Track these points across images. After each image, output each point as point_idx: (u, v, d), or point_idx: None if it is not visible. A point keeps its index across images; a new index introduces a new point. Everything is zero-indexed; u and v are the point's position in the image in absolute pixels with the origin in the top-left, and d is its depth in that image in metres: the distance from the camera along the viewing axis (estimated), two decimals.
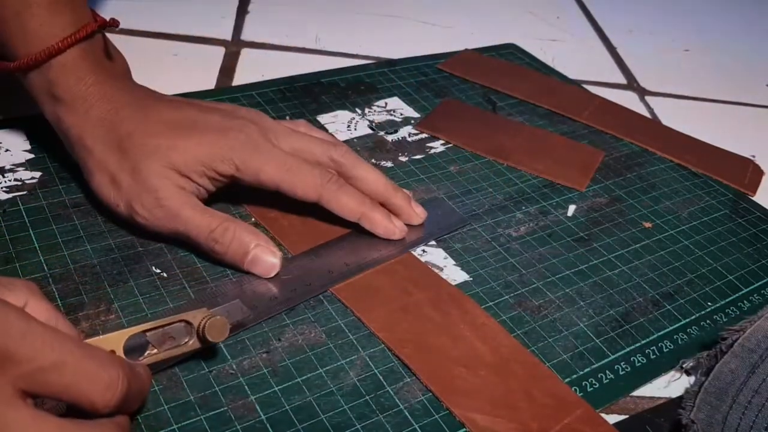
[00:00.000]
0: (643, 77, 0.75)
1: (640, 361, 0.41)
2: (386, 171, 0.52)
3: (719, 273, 0.49)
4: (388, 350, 0.39)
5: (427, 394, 0.37)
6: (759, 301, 0.47)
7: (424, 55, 0.70)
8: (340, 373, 0.37)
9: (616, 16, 0.89)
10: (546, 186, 0.54)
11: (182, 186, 0.41)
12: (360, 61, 0.68)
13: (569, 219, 0.51)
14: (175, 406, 0.34)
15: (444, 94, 0.64)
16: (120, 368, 0.29)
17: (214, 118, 0.43)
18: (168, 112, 0.43)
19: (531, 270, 0.46)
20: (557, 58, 0.75)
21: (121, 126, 0.42)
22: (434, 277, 0.44)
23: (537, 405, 0.37)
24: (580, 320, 0.43)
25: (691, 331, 0.44)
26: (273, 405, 0.35)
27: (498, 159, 0.56)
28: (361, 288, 0.42)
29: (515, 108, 0.64)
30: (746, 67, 0.82)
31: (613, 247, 0.49)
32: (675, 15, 0.94)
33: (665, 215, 0.53)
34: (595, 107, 0.66)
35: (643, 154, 0.61)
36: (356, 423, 0.35)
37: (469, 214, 0.50)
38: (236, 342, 0.38)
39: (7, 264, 0.40)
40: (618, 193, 0.55)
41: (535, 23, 0.83)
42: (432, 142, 0.57)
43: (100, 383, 0.27)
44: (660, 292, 0.46)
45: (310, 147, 0.45)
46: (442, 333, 0.40)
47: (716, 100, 0.73)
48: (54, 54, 0.41)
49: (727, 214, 0.55)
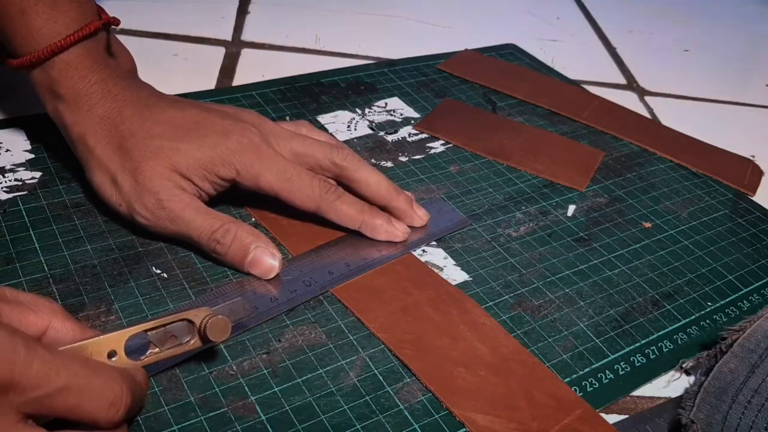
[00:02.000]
0: (643, 77, 0.75)
1: (639, 361, 0.41)
2: (386, 171, 0.52)
3: (719, 273, 0.49)
4: (388, 350, 0.39)
5: (427, 394, 0.37)
6: (759, 301, 0.47)
7: (424, 56, 0.70)
8: (340, 374, 0.37)
9: (615, 17, 0.89)
10: (546, 186, 0.54)
11: (183, 187, 0.41)
12: (360, 61, 0.68)
13: (569, 219, 0.51)
14: (175, 407, 0.34)
15: (444, 95, 0.64)
16: (123, 384, 0.29)
17: (217, 121, 0.43)
18: (171, 113, 0.43)
19: (531, 270, 0.46)
20: (557, 59, 0.75)
21: (124, 125, 0.42)
22: (434, 277, 0.44)
23: (537, 405, 0.37)
24: (580, 320, 0.43)
25: (691, 331, 0.44)
26: (273, 405, 0.35)
27: (498, 159, 0.56)
28: (361, 288, 0.42)
29: (515, 108, 0.64)
30: (746, 68, 0.82)
31: (613, 247, 0.49)
32: (675, 15, 0.94)
33: (665, 215, 0.53)
34: (595, 107, 0.66)
35: (642, 154, 0.61)
36: (356, 423, 0.35)
37: (469, 214, 0.50)
38: (236, 343, 0.38)
39: (8, 264, 0.40)
40: (618, 193, 0.55)
41: (535, 23, 0.84)
42: (432, 142, 0.57)
43: (104, 402, 0.28)
44: (660, 292, 0.46)
45: (312, 151, 0.45)
46: (442, 333, 0.40)
47: (716, 100, 0.74)
48: (57, 51, 0.41)
49: (726, 214, 0.55)
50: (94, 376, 0.28)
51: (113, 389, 0.28)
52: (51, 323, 0.31)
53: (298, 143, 0.45)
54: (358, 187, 0.45)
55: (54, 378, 0.26)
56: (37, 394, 0.26)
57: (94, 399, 0.27)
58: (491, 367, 0.39)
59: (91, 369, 0.28)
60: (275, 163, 0.43)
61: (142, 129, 0.42)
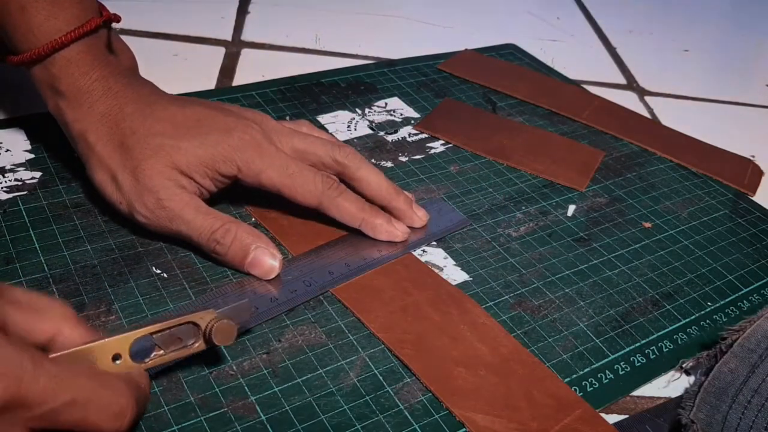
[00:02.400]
0: (643, 77, 0.75)
1: (639, 361, 0.41)
2: (386, 171, 0.52)
3: (719, 273, 0.49)
4: (388, 350, 0.39)
5: (427, 394, 0.37)
6: (758, 301, 0.47)
7: (424, 56, 0.70)
8: (340, 374, 0.37)
9: (615, 17, 0.89)
10: (546, 186, 0.54)
11: (184, 186, 0.41)
12: (360, 61, 0.68)
13: (569, 219, 0.51)
14: (175, 407, 0.34)
15: (444, 95, 0.64)
16: (129, 393, 0.29)
17: (218, 118, 0.43)
18: (173, 110, 0.43)
19: (531, 270, 0.46)
20: (557, 59, 0.75)
21: (125, 123, 0.42)
22: (434, 277, 0.44)
23: (537, 405, 0.37)
24: (580, 320, 0.43)
25: (691, 331, 0.44)
26: (273, 406, 0.35)
27: (498, 159, 0.56)
28: (361, 288, 0.42)
29: (515, 108, 0.64)
30: (746, 68, 0.82)
31: (613, 247, 0.49)
32: (675, 15, 0.94)
33: (665, 215, 0.53)
34: (595, 107, 0.66)
35: (642, 154, 0.61)
36: (356, 423, 0.35)
37: (469, 214, 0.50)
38: (236, 343, 0.38)
39: (8, 264, 0.40)
40: (618, 193, 0.55)
41: (535, 23, 0.84)
42: (432, 142, 0.57)
43: (110, 413, 0.28)
44: (660, 292, 0.46)
45: (314, 148, 0.45)
46: (442, 333, 0.40)
47: (716, 101, 0.74)
48: (58, 48, 0.41)
49: (726, 214, 0.55)
50: (100, 388, 0.28)
51: (119, 402, 0.28)
52: (61, 330, 0.30)
53: (299, 140, 0.45)
54: (359, 186, 0.45)
55: (60, 393, 0.26)
56: (44, 409, 0.26)
57: (100, 411, 0.28)
58: (491, 367, 0.39)
59: (97, 381, 0.28)
60: (277, 159, 0.43)
61: (143, 126, 0.42)
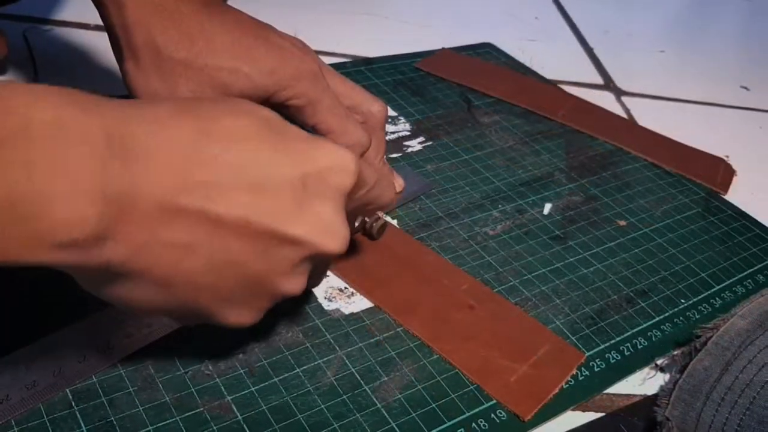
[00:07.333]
0: (620, 78, 0.76)
1: (614, 358, 0.42)
2: None
3: (692, 270, 0.49)
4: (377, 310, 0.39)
5: (405, 392, 0.37)
6: (731, 298, 0.47)
7: (402, 54, 0.70)
8: (317, 373, 0.37)
9: (593, 17, 0.90)
10: (522, 184, 0.54)
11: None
12: (337, 59, 0.68)
13: (545, 217, 0.51)
14: (150, 407, 0.34)
15: (421, 93, 0.64)
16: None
17: (276, 41, 0.45)
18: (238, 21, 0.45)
19: (507, 268, 0.46)
20: (535, 58, 0.75)
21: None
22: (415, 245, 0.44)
23: (514, 340, 0.41)
24: (556, 318, 0.43)
25: (665, 328, 0.44)
26: (249, 405, 0.35)
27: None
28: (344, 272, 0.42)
29: (492, 107, 0.64)
30: (721, 69, 0.83)
31: (589, 245, 0.50)
32: (651, 16, 0.95)
33: (639, 213, 0.54)
34: (571, 107, 0.66)
35: (617, 153, 0.61)
36: (333, 422, 0.35)
37: (446, 212, 0.50)
38: (212, 343, 0.38)
39: None
40: (593, 191, 0.55)
41: (513, 23, 0.84)
42: (409, 141, 0.57)
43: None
44: (634, 290, 0.47)
45: (353, 93, 0.45)
46: (416, 282, 0.43)
47: (691, 101, 0.74)
48: None
49: (699, 212, 0.55)
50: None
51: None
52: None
53: (340, 81, 0.45)
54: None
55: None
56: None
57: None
58: (465, 308, 0.42)
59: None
60: (330, 96, 0.43)
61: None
